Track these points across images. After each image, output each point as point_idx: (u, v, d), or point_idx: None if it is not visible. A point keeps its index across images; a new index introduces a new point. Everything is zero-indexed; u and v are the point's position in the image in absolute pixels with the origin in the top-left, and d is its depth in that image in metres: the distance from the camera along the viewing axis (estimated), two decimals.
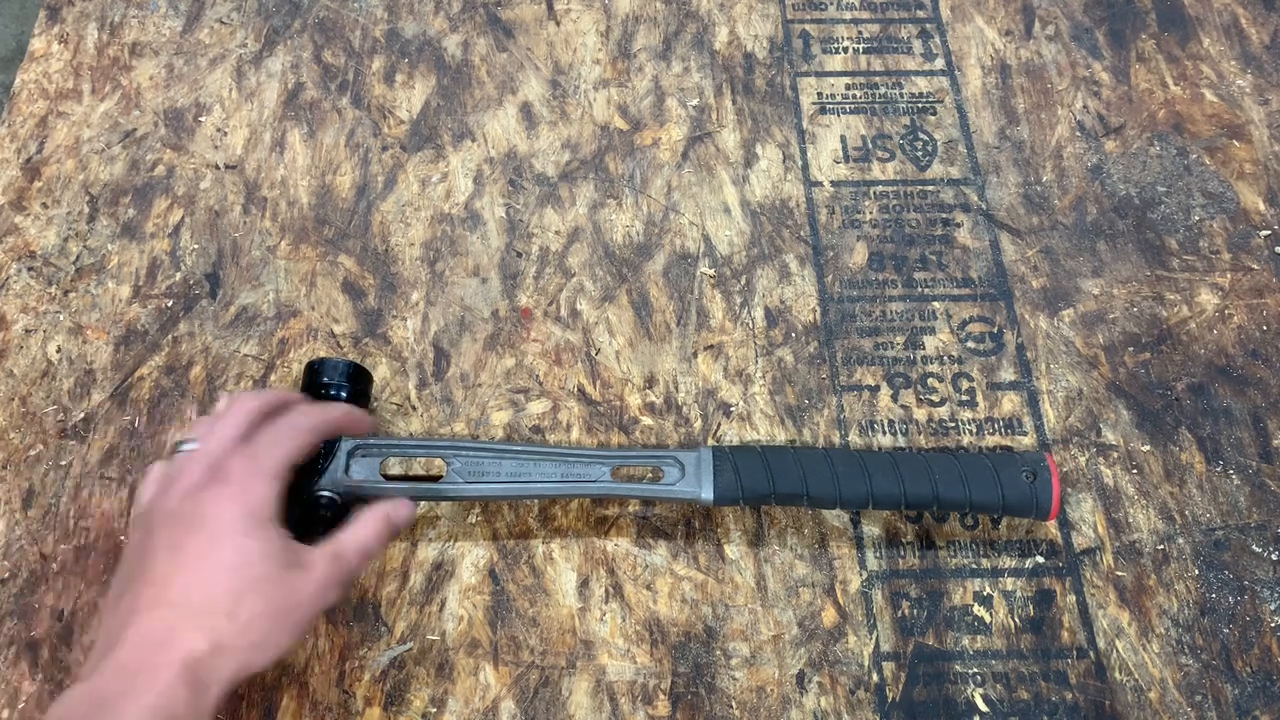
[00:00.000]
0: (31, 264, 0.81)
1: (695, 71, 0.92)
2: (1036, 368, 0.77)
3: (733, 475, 0.65)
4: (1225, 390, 0.76)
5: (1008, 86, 0.92)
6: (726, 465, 0.65)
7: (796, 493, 0.65)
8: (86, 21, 0.95)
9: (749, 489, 0.65)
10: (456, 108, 0.90)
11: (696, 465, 0.66)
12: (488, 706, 0.64)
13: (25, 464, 0.72)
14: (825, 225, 0.84)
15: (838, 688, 0.65)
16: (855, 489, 0.65)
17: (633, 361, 0.77)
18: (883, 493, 0.65)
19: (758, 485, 0.65)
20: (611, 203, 0.85)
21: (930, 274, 0.82)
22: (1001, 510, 0.66)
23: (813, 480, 0.65)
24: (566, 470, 0.66)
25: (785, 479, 0.65)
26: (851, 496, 0.65)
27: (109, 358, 0.77)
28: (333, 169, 0.86)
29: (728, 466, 0.65)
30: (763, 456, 0.66)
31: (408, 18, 0.95)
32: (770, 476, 0.65)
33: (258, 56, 0.93)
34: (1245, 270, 0.82)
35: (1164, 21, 0.96)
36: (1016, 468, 0.66)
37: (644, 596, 0.68)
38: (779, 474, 0.65)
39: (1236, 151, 0.88)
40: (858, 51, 0.94)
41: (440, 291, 0.80)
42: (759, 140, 0.88)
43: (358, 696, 0.65)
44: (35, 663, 0.65)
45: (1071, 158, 0.88)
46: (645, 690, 0.65)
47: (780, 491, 0.65)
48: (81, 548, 0.69)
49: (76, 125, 0.88)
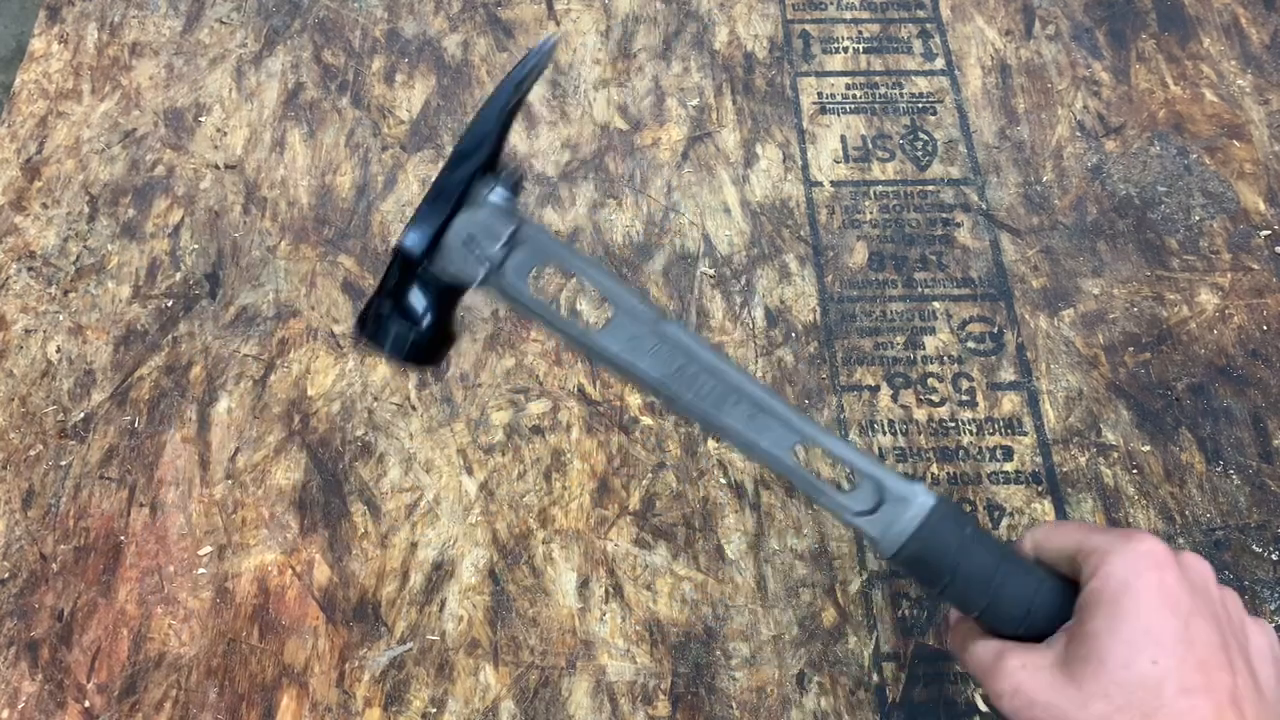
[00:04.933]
0: (31, 264, 0.81)
1: (695, 71, 0.92)
2: (1037, 368, 0.77)
3: (929, 543, 0.49)
4: (1225, 390, 0.76)
5: (1008, 86, 0.92)
6: (936, 528, 0.49)
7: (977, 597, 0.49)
8: (86, 21, 0.95)
9: (935, 565, 0.49)
10: (456, 108, 0.90)
11: (900, 507, 0.49)
12: (488, 707, 0.64)
13: (25, 464, 0.72)
14: (825, 225, 0.84)
15: (838, 688, 0.65)
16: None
17: None
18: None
19: (943, 567, 0.49)
20: (611, 203, 0.85)
21: (930, 274, 0.81)
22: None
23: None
24: (752, 412, 0.49)
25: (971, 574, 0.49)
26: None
27: (109, 358, 0.77)
28: (333, 169, 0.86)
29: (936, 530, 0.49)
30: (981, 543, 0.49)
31: (408, 18, 0.95)
32: (955, 565, 0.49)
33: (258, 56, 0.92)
34: (1245, 270, 0.82)
35: (1164, 21, 0.96)
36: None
37: (644, 596, 0.68)
38: (964, 565, 0.49)
39: (1236, 151, 0.88)
40: (858, 51, 0.94)
41: None
42: (759, 140, 0.88)
43: (358, 696, 0.65)
44: (35, 663, 0.65)
45: (1072, 158, 0.87)
46: (645, 690, 0.65)
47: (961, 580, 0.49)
48: (81, 548, 0.69)
49: (76, 125, 0.88)
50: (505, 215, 0.51)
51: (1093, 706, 0.41)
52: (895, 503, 0.49)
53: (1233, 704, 0.41)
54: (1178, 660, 0.41)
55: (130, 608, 0.67)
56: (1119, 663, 0.41)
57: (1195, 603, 0.43)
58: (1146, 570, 0.43)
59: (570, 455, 0.73)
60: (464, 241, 0.50)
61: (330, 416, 0.74)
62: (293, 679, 0.65)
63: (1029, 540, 0.50)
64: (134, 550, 0.69)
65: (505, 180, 0.52)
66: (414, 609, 0.68)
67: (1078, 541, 0.47)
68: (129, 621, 0.67)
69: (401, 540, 0.70)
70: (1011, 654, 0.45)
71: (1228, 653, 0.42)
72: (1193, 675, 0.41)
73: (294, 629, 0.67)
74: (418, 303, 0.52)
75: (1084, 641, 0.43)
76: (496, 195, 0.51)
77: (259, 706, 0.64)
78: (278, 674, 0.65)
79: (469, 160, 0.51)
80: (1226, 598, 0.46)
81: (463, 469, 0.73)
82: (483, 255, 0.50)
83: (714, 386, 0.50)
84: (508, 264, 0.51)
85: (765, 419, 0.50)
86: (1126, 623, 0.42)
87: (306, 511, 0.71)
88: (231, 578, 0.68)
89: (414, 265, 0.51)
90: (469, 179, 0.51)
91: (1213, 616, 0.43)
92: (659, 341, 0.50)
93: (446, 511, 0.71)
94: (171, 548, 0.69)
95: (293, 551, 0.69)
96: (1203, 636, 0.42)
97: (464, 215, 0.50)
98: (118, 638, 0.66)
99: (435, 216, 0.50)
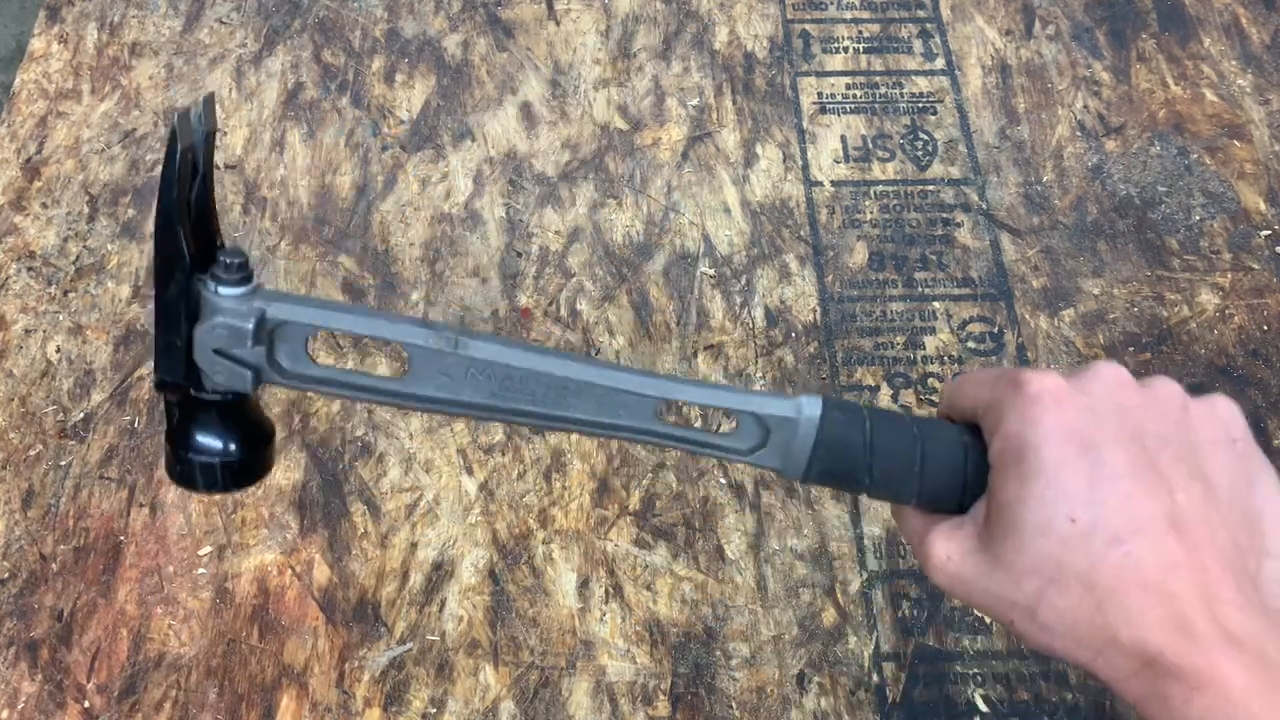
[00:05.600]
0: (31, 264, 0.81)
1: (695, 71, 0.92)
2: (1037, 368, 0.77)
3: (834, 449, 0.46)
4: (1226, 390, 0.76)
5: (1008, 86, 0.92)
6: (835, 433, 0.45)
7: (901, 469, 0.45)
8: (86, 21, 0.95)
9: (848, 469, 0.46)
10: (456, 108, 0.90)
11: (788, 427, 0.45)
12: (488, 707, 0.64)
13: (25, 464, 0.72)
14: (825, 225, 0.84)
15: (838, 688, 0.65)
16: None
17: (633, 361, 0.77)
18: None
19: (857, 468, 0.46)
20: (611, 203, 0.85)
21: (930, 274, 0.81)
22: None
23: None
24: (598, 395, 0.46)
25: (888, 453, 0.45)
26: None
27: (109, 358, 0.77)
28: (332, 169, 0.86)
29: (836, 435, 0.45)
30: (891, 429, 0.46)
31: (408, 17, 0.95)
32: (869, 463, 0.45)
33: (257, 56, 0.92)
34: (1245, 270, 0.82)
35: (1164, 21, 0.96)
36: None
37: (644, 597, 0.68)
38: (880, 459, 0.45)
39: (1237, 151, 0.88)
40: (858, 51, 0.94)
41: (440, 291, 0.80)
42: (759, 140, 0.88)
43: (358, 697, 0.65)
44: (35, 663, 0.65)
45: (1072, 157, 0.87)
46: (645, 691, 0.65)
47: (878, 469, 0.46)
48: (81, 548, 0.69)
49: (76, 125, 0.88)
50: (242, 309, 0.45)
51: (1025, 585, 0.37)
52: (781, 425, 0.45)
53: (1172, 529, 0.36)
54: (1098, 506, 0.36)
55: (130, 608, 0.67)
56: (1036, 530, 0.37)
57: (1106, 429, 0.38)
58: (1041, 416, 0.38)
59: (570, 455, 0.73)
60: (214, 355, 0.46)
61: (330, 416, 0.74)
62: (292, 679, 0.65)
63: (942, 403, 0.45)
64: (134, 550, 0.69)
65: (227, 268, 0.46)
66: (414, 609, 0.68)
67: (974, 400, 0.42)
68: (129, 622, 0.67)
69: (401, 540, 0.70)
70: (936, 541, 0.41)
71: (1159, 468, 0.37)
72: (1118, 517, 0.36)
73: (294, 629, 0.67)
74: (209, 432, 0.48)
75: (999, 516, 0.38)
76: (224, 290, 0.46)
77: (259, 707, 0.64)
78: (277, 674, 0.65)
79: (170, 276, 0.46)
80: (1156, 392, 0.39)
81: (463, 469, 0.73)
82: (242, 361, 0.46)
83: (547, 386, 0.46)
84: (276, 353, 0.46)
85: (615, 396, 0.46)
86: (1033, 484, 0.37)
87: (306, 511, 0.71)
88: (231, 578, 0.68)
89: (184, 400, 0.47)
90: (183, 294, 0.46)
91: (1133, 435, 0.38)
92: (469, 365, 0.45)
93: (446, 512, 0.71)
94: (171, 548, 0.69)
95: (292, 551, 0.69)
96: (1122, 466, 0.37)
97: (200, 330, 0.45)
98: (117, 638, 0.66)
99: (171, 347, 0.46)
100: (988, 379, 0.42)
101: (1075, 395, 0.38)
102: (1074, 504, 0.36)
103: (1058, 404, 0.38)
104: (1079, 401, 0.38)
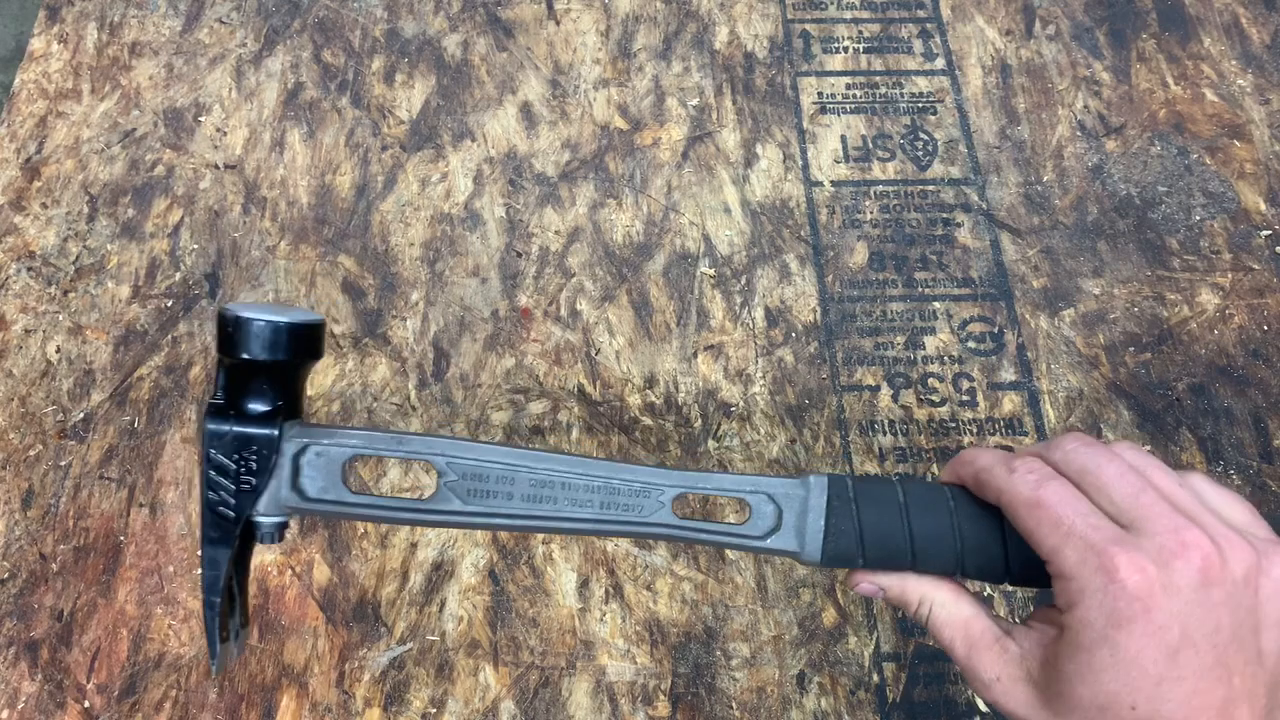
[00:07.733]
0: (31, 264, 0.81)
1: (695, 71, 0.92)
2: (1037, 368, 0.77)
3: (853, 523, 0.45)
4: (1226, 390, 0.76)
5: (1008, 86, 0.92)
6: (845, 507, 0.45)
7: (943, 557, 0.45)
8: (86, 21, 0.95)
9: (875, 544, 0.44)
10: (456, 107, 0.90)
11: (802, 504, 0.45)
12: (488, 707, 0.64)
13: (25, 464, 0.72)
14: (825, 225, 0.84)
15: (838, 688, 0.65)
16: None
17: (633, 361, 0.77)
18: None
19: (892, 538, 0.44)
20: (611, 203, 0.85)
21: (931, 274, 0.81)
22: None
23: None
24: (608, 499, 0.47)
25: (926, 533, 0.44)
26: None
27: (109, 358, 0.77)
28: (332, 169, 0.86)
29: (847, 509, 0.45)
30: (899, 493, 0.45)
31: (407, 17, 0.95)
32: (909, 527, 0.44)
33: (257, 56, 0.92)
34: (1246, 270, 0.82)
35: (1164, 21, 0.96)
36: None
37: (644, 597, 0.68)
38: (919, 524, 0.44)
39: (1237, 151, 0.88)
40: (858, 51, 0.94)
41: (440, 291, 0.80)
42: (759, 140, 0.88)
43: (358, 697, 0.65)
44: (35, 663, 0.65)
45: (1072, 157, 0.87)
46: (645, 691, 0.65)
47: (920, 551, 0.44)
48: (81, 548, 0.69)
49: (76, 125, 0.88)
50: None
51: None
52: (790, 505, 0.45)
53: (1221, 715, 0.38)
54: (1160, 702, 0.38)
55: (130, 608, 0.67)
56: (1096, 707, 0.39)
57: (1187, 633, 0.38)
58: (1130, 622, 0.38)
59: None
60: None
61: (330, 416, 0.74)
62: (292, 679, 0.65)
63: (971, 479, 0.45)
64: (134, 550, 0.69)
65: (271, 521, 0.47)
66: (414, 609, 0.68)
67: (1038, 536, 0.41)
68: (129, 622, 0.67)
69: (401, 540, 0.70)
70: (984, 657, 0.43)
71: (1224, 660, 0.38)
72: (1178, 712, 0.38)
73: (294, 629, 0.67)
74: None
75: (1060, 674, 0.40)
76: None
77: (259, 707, 0.64)
78: (277, 674, 0.65)
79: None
80: (1234, 572, 0.39)
81: None
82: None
83: (573, 490, 0.47)
84: (302, 482, 0.46)
85: (636, 490, 0.47)
86: (1106, 672, 0.39)
87: None
88: None
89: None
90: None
91: (1208, 634, 0.38)
92: (498, 474, 0.47)
93: None
94: (171, 548, 0.69)
95: (292, 551, 0.69)
96: (1191, 668, 0.38)
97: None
98: (117, 638, 0.66)
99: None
100: (1067, 522, 0.40)
101: (1166, 599, 0.38)
102: (1138, 696, 0.38)
103: (1147, 611, 0.38)
104: (1169, 607, 0.38)
